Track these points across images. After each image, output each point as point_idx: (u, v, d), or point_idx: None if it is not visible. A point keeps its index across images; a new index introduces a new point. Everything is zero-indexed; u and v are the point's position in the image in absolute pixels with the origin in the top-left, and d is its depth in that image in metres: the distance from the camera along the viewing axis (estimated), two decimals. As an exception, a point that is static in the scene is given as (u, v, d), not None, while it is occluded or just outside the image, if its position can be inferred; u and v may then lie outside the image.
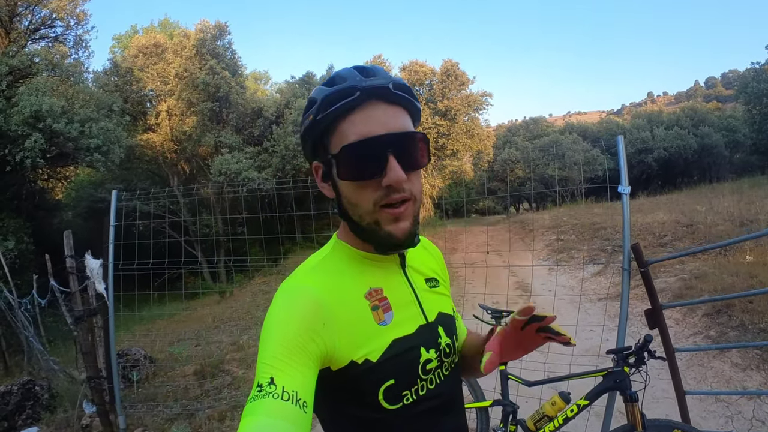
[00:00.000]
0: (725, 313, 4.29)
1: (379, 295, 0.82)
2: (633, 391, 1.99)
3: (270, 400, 0.63)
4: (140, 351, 5.74)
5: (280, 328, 0.72)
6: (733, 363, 3.52)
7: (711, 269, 5.53)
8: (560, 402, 2.15)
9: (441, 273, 1.00)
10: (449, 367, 0.89)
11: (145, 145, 16.93)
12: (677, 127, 28.97)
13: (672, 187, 24.52)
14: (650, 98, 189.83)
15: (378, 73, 0.79)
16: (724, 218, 8.05)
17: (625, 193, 2.45)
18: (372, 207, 0.76)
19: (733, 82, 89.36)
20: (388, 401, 0.78)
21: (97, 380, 3.95)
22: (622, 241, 2.41)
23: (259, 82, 29.82)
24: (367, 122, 0.75)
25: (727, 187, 16.66)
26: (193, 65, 15.82)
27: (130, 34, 19.93)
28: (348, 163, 0.76)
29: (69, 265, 4.14)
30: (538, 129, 35.07)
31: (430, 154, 0.82)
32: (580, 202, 18.36)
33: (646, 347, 2.01)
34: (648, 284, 2.32)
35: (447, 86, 23.05)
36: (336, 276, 0.81)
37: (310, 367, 0.70)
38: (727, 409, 3.04)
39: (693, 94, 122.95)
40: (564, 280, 7.47)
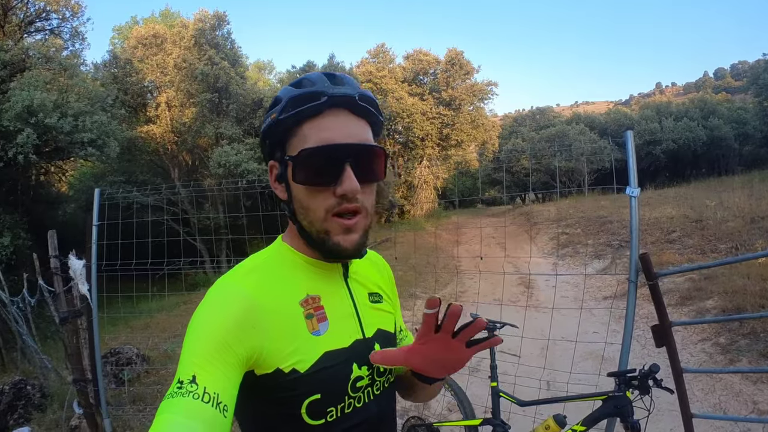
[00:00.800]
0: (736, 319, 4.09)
1: (316, 303, 0.80)
2: (636, 420, 1.81)
3: (189, 399, 0.60)
4: (132, 349, 5.65)
5: (208, 326, 0.69)
6: (744, 375, 3.33)
7: (721, 270, 5.32)
8: (555, 426, 1.98)
9: (387, 289, 0.96)
10: (381, 386, 0.86)
11: (146, 136, 16.81)
12: (686, 119, 28.48)
13: (680, 180, 24.16)
14: (659, 89, 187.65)
15: (347, 82, 0.78)
16: (735, 214, 7.82)
17: (634, 195, 2.20)
18: (324, 214, 0.75)
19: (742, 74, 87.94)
20: (310, 416, 0.75)
21: (82, 383, 3.87)
22: (630, 250, 2.20)
23: (263, 71, 29.62)
24: (329, 129, 0.74)
25: (737, 180, 16.39)
26: (192, 56, 15.59)
27: (130, 25, 19.73)
28: (305, 167, 0.75)
29: (53, 265, 4.06)
30: (544, 119, 34.70)
31: (386, 170, 0.81)
32: (587, 195, 18.12)
33: (652, 375, 1.82)
34: (656, 299, 2.12)
35: (452, 75, 22.76)
36: (273, 279, 0.79)
37: (235, 369, 0.67)
38: (735, 427, 2.85)
39: (702, 85, 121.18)
40: (568, 277, 7.29)
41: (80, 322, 4.11)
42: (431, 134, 22.46)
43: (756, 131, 27.97)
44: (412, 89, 22.84)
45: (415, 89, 22.99)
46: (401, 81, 22.65)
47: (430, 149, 23.10)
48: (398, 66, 23.65)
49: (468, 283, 7.10)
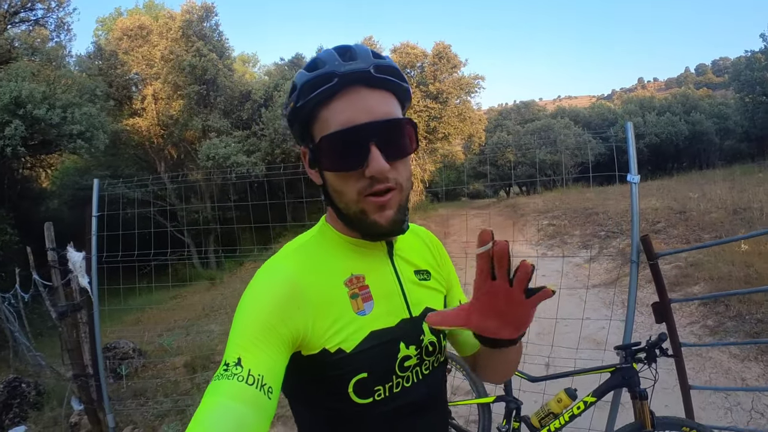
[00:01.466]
0: (722, 302, 4.27)
1: (360, 282, 0.79)
2: (642, 388, 1.91)
3: (234, 381, 0.61)
4: (129, 344, 5.62)
5: (253, 308, 0.70)
6: (732, 354, 3.49)
7: (706, 257, 5.52)
8: (566, 399, 2.08)
9: (437, 266, 0.93)
10: (431, 366, 0.84)
11: (131, 130, 16.54)
12: (669, 114, 29.07)
13: (663, 173, 24.69)
14: (641, 84, 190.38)
15: (360, 55, 0.73)
16: (717, 206, 8.06)
17: (635, 182, 2.33)
18: (356, 196, 0.74)
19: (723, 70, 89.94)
20: (358, 395, 0.75)
21: (83, 378, 3.84)
22: (631, 233, 2.31)
23: (247, 64, 29.32)
24: (347, 110, 0.71)
25: (719, 173, 16.81)
26: (179, 47, 15.38)
27: (114, 16, 19.36)
28: (329, 154, 0.73)
29: (51, 258, 4.00)
30: (529, 113, 34.95)
31: (417, 140, 0.79)
32: (572, 187, 18.39)
33: (659, 345, 1.92)
34: (657, 277, 2.24)
35: (439, 69, 22.80)
36: (317, 259, 0.79)
37: (280, 350, 0.67)
38: (726, 401, 3.01)
39: (683, 81, 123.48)
40: (557, 266, 7.45)
41: (80, 315, 4.07)
42: (418, 127, 22.54)
43: (737, 126, 28.67)
44: (399, 83, 22.86)
45: (403, 82, 23.02)
46: (388, 74, 22.66)
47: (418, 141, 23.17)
48: (384, 59, 23.64)
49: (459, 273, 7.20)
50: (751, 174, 15.18)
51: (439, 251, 0.97)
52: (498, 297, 0.63)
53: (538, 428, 2.16)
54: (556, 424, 2.11)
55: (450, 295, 0.95)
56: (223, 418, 0.58)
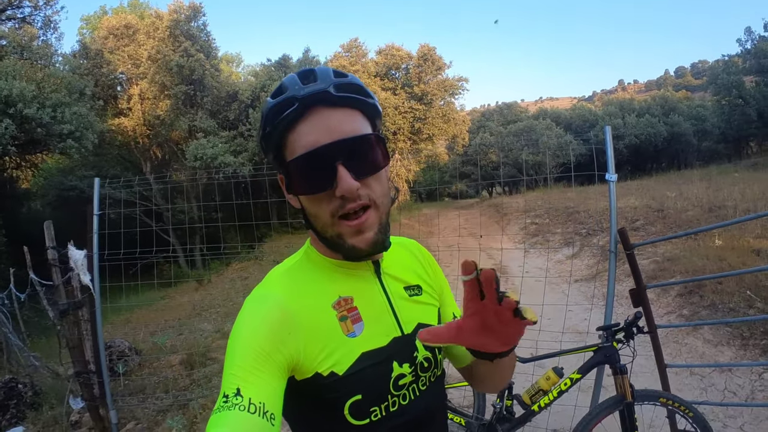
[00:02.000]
0: (697, 293, 4.55)
1: (349, 304, 0.79)
2: (622, 364, 2.13)
3: (236, 412, 0.61)
4: (124, 342, 5.66)
5: (246, 337, 0.70)
6: (706, 339, 3.76)
7: (682, 252, 5.81)
8: (554, 376, 2.28)
9: (428, 278, 0.93)
10: (427, 382, 0.84)
11: (117, 130, 16.41)
12: (648, 115, 29.95)
13: (642, 173, 25.40)
14: (621, 86, 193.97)
15: (320, 76, 0.73)
16: (694, 204, 8.41)
17: (613, 180, 2.57)
18: (330, 219, 0.73)
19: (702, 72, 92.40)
20: (354, 417, 0.75)
21: (85, 375, 3.88)
22: (610, 226, 2.53)
23: (231, 64, 29.15)
24: (311, 132, 0.71)
25: (696, 173, 17.34)
26: (167, 47, 15.32)
27: (99, 14, 19.16)
28: (297, 178, 0.73)
29: (51, 256, 4.03)
30: (511, 114, 35.48)
31: (387, 154, 0.77)
32: (553, 187, 18.78)
33: (636, 323, 2.14)
34: (633, 266, 2.46)
35: (424, 71, 23.05)
36: (304, 283, 0.79)
37: (277, 377, 0.68)
38: (702, 382, 3.26)
39: (663, 83, 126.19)
40: (540, 263, 7.70)
41: (81, 313, 4.13)
42: (403, 128, 22.78)
43: (714, 128, 29.60)
44: (385, 84, 23.04)
45: (388, 84, 23.19)
46: (374, 75, 22.82)
47: (402, 143, 23.44)
48: (371, 60, 23.79)
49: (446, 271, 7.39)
50: (727, 174, 15.77)
51: (430, 263, 0.96)
52: (488, 316, 0.64)
53: (529, 405, 2.35)
54: (545, 400, 2.31)
55: (443, 308, 0.94)
56: None
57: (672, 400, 2.15)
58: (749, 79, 23.84)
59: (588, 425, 2.15)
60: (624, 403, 2.11)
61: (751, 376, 3.25)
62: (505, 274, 7.52)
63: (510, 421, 2.50)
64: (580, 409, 2.64)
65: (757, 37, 23.08)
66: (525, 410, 2.39)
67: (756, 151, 33.93)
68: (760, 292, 4.09)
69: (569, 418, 2.89)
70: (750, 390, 3.15)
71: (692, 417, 2.14)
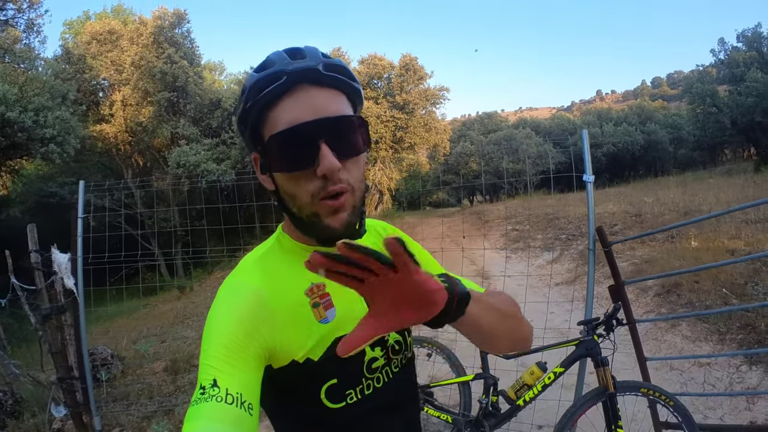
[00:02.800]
0: (674, 292, 4.70)
1: (321, 291, 0.78)
2: (603, 356, 2.21)
3: (213, 403, 0.60)
4: (106, 350, 5.58)
5: (220, 327, 0.69)
6: (684, 336, 3.90)
7: (659, 254, 6.00)
8: (538, 371, 2.35)
9: None
10: (399, 364, 0.86)
11: (98, 136, 16.17)
12: (625, 124, 30.75)
13: (620, 180, 26.01)
14: (599, 96, 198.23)
15: (308, 54, 0.72)
16: (670, 209, 8.66)
17: (590, 181, 2.68)
18: (310, 199, 0.71)
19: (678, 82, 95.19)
20: (330, 400, 0.77)
21: (69, 381, 3.83)
22: (588, 225, 2.63)
23: (213, 72, 29.02)
24: (295, 108, 0.69)
25: (672, 180, 17.84)
26: (150, 53, 15.23)
27: (82, 19, 18.94)
28: (277, 154, 0.71)
29: (34, 260, 3.97)
30: (492, 123, 35.91)
31: (369, 139, 0.76)
32: (533, 194, 19.09)
33: (615, 315, 2.23)
34: (611, 263, 2.57)
35: (405, 80, 23.27)
36: (276, 271, 0.78)
37: (253, 366, 0.68)
38: (681, 377, 3.38)
39: (640, 93, 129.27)
40: (522, 267, 7.82)
41: (64, 318, 4.07)
42: (385, 137, 22.93)
43: (689, 135, 30.55)
44: (367, 93, 23.17)
45: (370, 93, 23.34)
46: (356, 84, 22.95)
47: (384, 152, 23.59)
48: (353, 69, 23.81)
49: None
50: (702, 180, 16.28)
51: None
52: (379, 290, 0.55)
53: (514, 399, 2.42)
54: (530, 394, 2.38)
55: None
56: None
57: (653, 390, 2.24)
58: (723, 88, 24.65)
59: (572, 416, 2.22)
60: (606, 394, 2.19)
61: (728, 369, 3.38)
62: (487, 279, 7.62)
63: (496, 417, 2.57)
64: (564, 405, 2.71)
65: (729, 48, 23.90)
66: (510, 405, 2.46)
67: (730, 157, 35.19)
68: (735, 289, 4.26)
69: (554, 414, 2.96)
70: (728, 382, 3.27)
71: (673, 406, 2.22)
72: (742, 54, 22.94)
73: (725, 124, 23.63)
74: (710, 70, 25.70)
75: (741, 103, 21.60)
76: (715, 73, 25.14)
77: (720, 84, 24.79)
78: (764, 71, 21.14)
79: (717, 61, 24.63)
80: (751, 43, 22.83)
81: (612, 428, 2.17)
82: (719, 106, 23.78)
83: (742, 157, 32.41)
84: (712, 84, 24.48)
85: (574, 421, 2.24)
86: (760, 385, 3.10)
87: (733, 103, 22.42)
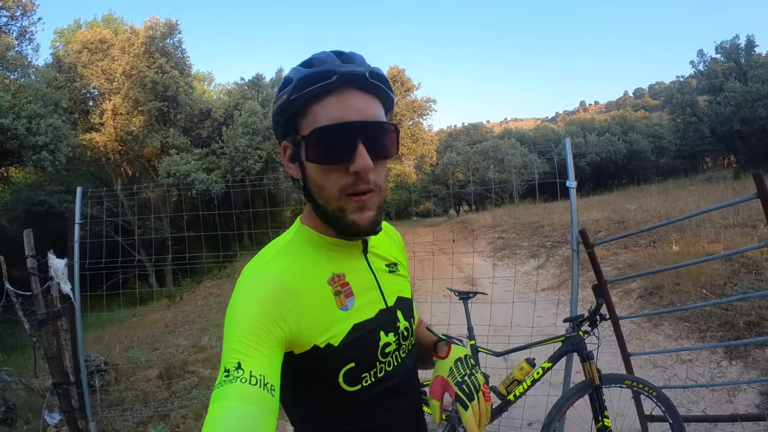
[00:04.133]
0: (656, 294, 4.89)
1: (342, 280, 0.84)
2: (589, 351, 2.34)
3: (238, 384, 0.64)
4: (100, 357, 5.58)
5: (245, 312, 0.72)
6: (666, 335, 4.07)
7: (642, 259, 6.20)
8: (527, 367, 2.47)
9: (400, 257, 1.02)
10: (406, 349, 0.93)
11: (88, 145, 16.07)
12: (608, 134, 31.43)
13: (603, 189, 26.49)
14: (582, 107, 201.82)
15: (356, 59, 0.78)
16: (652, 215, 8.88)
17: (573, 186, 2.83)
18: (338, 193, 0.77)
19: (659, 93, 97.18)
20: (347, 383, 0.81)
21: (64, 386, 3.84)
22: (571, 227, 2.78)
23: (203, 83, 29.08)
24: (340, 107, 0.75)
25: (654, 188, 18.20)
26: (142, 63, 15.25)
27: (73, 28, 18.93)
28: (317, 146, 0.76)
29: (30, 265, 3.99)
30: (478, 134, 36.31)
31: (399, 145, 0.83)
32: (519, 204, 19.33)
33: (599, 311, 2.37)
34: (594, 263, 2.71)
35: (393, 91, 23.59)
36: (300, 261, 0.82)
37: (275, 350, 0.71)
38: (665, 373, 3.54)
39: (622, 104, 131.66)
40: (508, 274, 7.96)
41: (60, 323, 4.09)
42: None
43: (671, 145, 31.34)
44: (356, 104, 23.36)
45: (358, 104, 23.55)
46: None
47: (396, 147, 23.66)
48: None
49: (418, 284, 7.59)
50: (683, 187, 16.67)
51: (401, 245, 1.07)
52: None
53: (505, 395, 2.53)
54: (520, 389, 2.50)
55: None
56: (235, 419, 0.61)
57: (636, 381, 2.37)
58: (702, 99, 25.36)
59: (561, 408, 2.34)
60: (593, 386, 2.31)
61: (710, 365, 3.55)
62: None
63: (488, 412, 2.68)
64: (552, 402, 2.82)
65: (708, 59, 24.67)
66: (502, 400, 2.57)
67: (710, 165, 36.13)
68: (714, 290, 4.45)
69: (543, 411, 3.08)
70: (709, 377, 3.43)
71: (656, 397, 2.34)
72: (720, 65, 23.68)
73: (705, 133, 24.29)
74: (690, 81, 26.43)
75: (720, 113, 22.25)
76: (695, 83, 25.85)
77: (700, 94, 25.49)
78: (742, 81, 21.83)
79: (696, 72, 25.37)
80: (729, 55, 23.59)
81: (599, 419, 2.30)
82: (699, 115, 24.45)
83: (722, 165, 33.39)
84: (692, 94, 25.17)
85: (563, 413, 2.36)
86: (740, 378, 3.26)
87: (713, 112, 23.07)
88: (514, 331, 3.48)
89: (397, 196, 29.18)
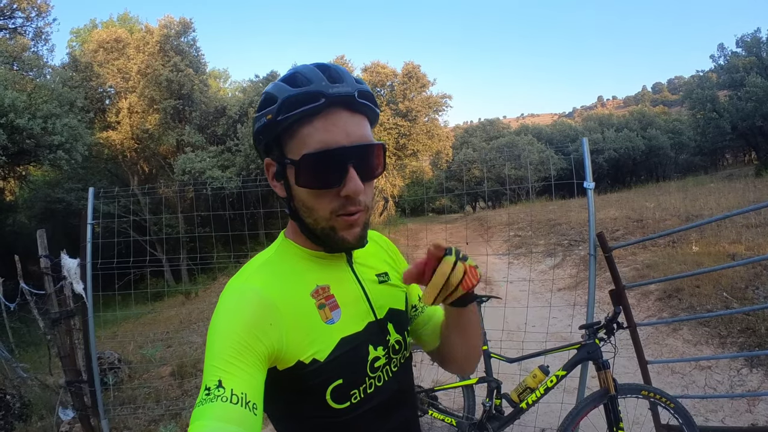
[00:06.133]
0: (675, 297, 4.74)
1: (326, 293, 0.81)
2: (605, 359, 2.26)
3: (218, 403, 0.62)
4: (113, 354, 5.64)
5: (226, 329, 0.70)
6: (685, 339, 3.93)
7: (661, 259, 6.03)
8: (540, 374, 2.40)
9: (395, 265, 0.98)
10: (398, 363, 0.89)
11: (104, 143, 16.33)
12: (626, 130, 30.74)
13: (621, 186, 26.05)
14: (600, 102, 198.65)
15: (344, 77, 0.76)
16: (671, 214, 8.68)
17: (590, 188, 2.74)
18: (329, 215, 0.77)
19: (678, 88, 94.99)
20: (335, 401, 0.78)
21: (77, 384, 3.88)
22: (589, 231, 2.69)
23: (218, 80, 29.30)
24: (329, 130, 0.73)
25: (673, 185, 17.81)
26: (157, 61, 15.40)
27: (89, 27, 19.19)
28: (308, 172, 0.74)
29: (44, 265, 4.03)
30: (494, 130, 36.00)
31: (385, 163, 0.82)
32: (535, 201, 19.10)
33: (616, 319, 2.28)
34: (612, 267, 2.61)
35: (408, 88, 23.40)
36: (282, 275, 0.80)
37: (258, 367, 0.69)
38: (683, 380, 3.42)
39: (641, 99, 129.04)
40: (524, 273, 7.85)
41: (73, 322, 4.13)
42: (388, 144, 23.05)
43: (690, 141, 30.52)
44: (370, 101, 23.29)
45: (373, 101, 23.47)
46: (359, 92, 23.08)
47: (387, 159, 23.52)
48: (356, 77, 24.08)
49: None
50: (703, 185, 16.27)
51: (394, 251, 1.02)
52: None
53: (517, 402, 2.46)
54: (533, 397, 2.43)
55: (409, 291, 0.99)
56: None
57: (654, 392, 2.28)
58: (723, 93, 24.66)
59: (575, 418, 2.27)
60: (608, 396, 2.23)
61: (729, 372, 3.42)
62: (490, 285, 7.66)
63: (499, 420, 2.61)
64: (566, 409, 2.74)
65: (729, 53, 23.94)
66: (514, 408, 2.50)
67: (731, 162, 35.15)
68: (735, 293, 4.30)
69: (556, 418, 3.00)
70: (729, 385, 3.31)
71: (674, 408, 2.26)
72: (741, 59, 22.98)
73: (726, 129, 23.62)
74: (710, 76, 25.72)
75: (741, 108, 21.62)
76: (715, 78, 25.14)
77: (720, 89, 24.78)
78: (763, 76, 21.16)
79: (717, 66, 24.65)
80: (750, 48, 22.85)
81: (614, 430, 2.22)
82: (719, 111, 23.79)
83: (743, 162, 32.42)
84: (713, 89, 24.49)
85: (576, 423, 2.28)
86: (761, 388, 3.13)
87: (733, 108, 22.44)
88: (528, 335, 3.39)
89: (412, 192, 29.06)
